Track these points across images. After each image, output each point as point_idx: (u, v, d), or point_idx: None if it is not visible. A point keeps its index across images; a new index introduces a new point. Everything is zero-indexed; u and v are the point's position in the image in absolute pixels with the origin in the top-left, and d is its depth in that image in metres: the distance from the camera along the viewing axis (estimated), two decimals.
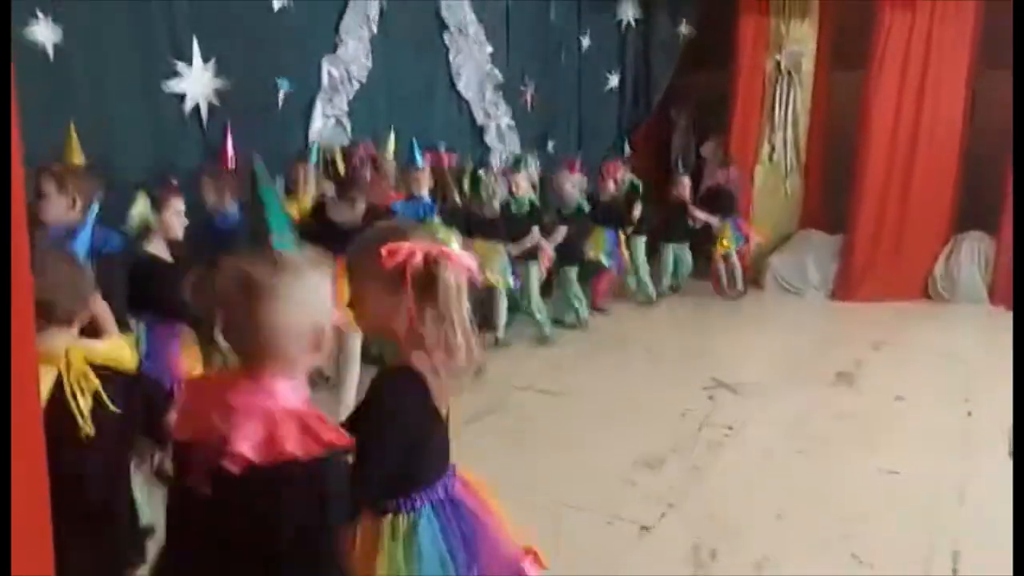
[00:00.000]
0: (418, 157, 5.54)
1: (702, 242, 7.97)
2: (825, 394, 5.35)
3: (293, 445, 1.38)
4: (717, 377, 5.49)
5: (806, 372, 5.78)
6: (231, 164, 4.74)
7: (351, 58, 5.76)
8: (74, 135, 3.93)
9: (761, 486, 3.97)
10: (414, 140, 5.74)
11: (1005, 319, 7.44)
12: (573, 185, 6.78)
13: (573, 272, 6.64)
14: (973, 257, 8.00)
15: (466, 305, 1.70)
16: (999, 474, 4.09)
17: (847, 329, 7.15)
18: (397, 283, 1.63)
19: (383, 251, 1.61)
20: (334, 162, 5.40)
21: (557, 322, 6.62)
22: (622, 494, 3.82)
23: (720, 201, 7.84)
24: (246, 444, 1.38)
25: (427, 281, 1.65)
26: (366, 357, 4.54)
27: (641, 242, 7.50)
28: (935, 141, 7.98)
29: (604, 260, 6.98)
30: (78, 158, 3.89)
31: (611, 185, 7.22)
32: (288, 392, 1.45)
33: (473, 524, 1.79)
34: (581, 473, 4.01)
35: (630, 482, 3.94)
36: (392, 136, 5.99)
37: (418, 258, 1.63)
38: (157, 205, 3.38)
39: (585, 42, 8.57)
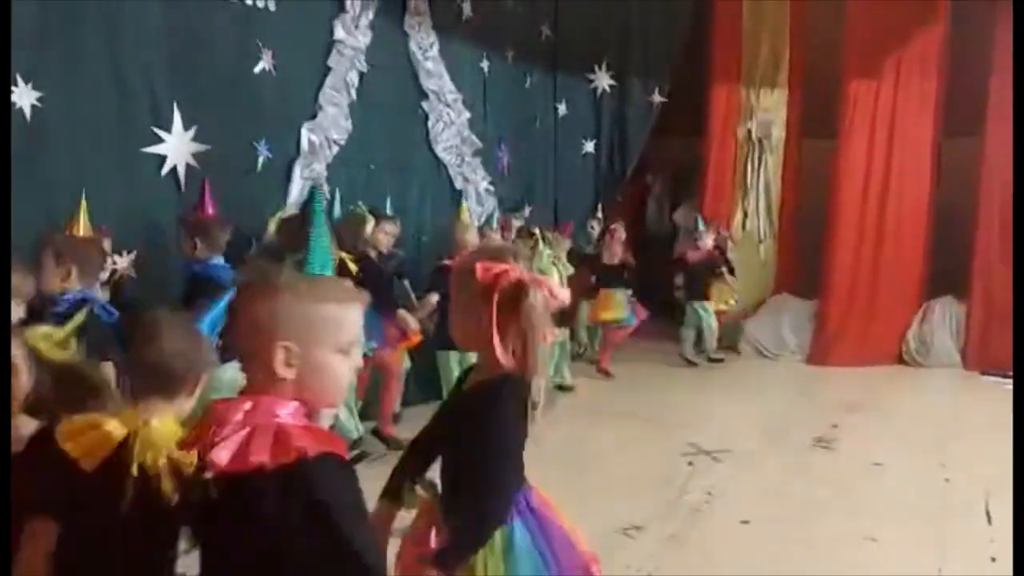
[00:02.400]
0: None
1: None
2: (803, 459, 5.33)
3: (260, 453, 1.39)
4: (696, 443, 5.46)
5: (784, 437, 5.76)
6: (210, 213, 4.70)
7: (330, 123, 5.82)
8: (84, 205, 3.92)
9: (740, 554, 3.92)
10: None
11: (979, 383, 7.52)
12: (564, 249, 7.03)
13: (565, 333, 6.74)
14: (945, 322, 8.11)
15: (549, 329, 1.88)
16: (978, 541, 4.07)
17: (823, 394, 7.17)
18: (488, 297, 1.80)
19: (479, 267, 1.80)
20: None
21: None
22: (601, 563, 3.74)
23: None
24: (222, 452, 1.40)
25: (514, 299, 1.80)
26: None
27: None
28: (904, 207, 8.16)
29: (628, 318, 7.34)
30: (84, 228, 3.86)
31: (617, 248, 7.48)
32: (276, 407, 1.47)
33: (553, 532, 1.93)
34: None
35: (609, 551, 3.87)
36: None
37: (510, 276, 1.81)
38: None
39: (561, 109, 8.74)
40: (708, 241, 7.97)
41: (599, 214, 8.83)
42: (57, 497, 1.78)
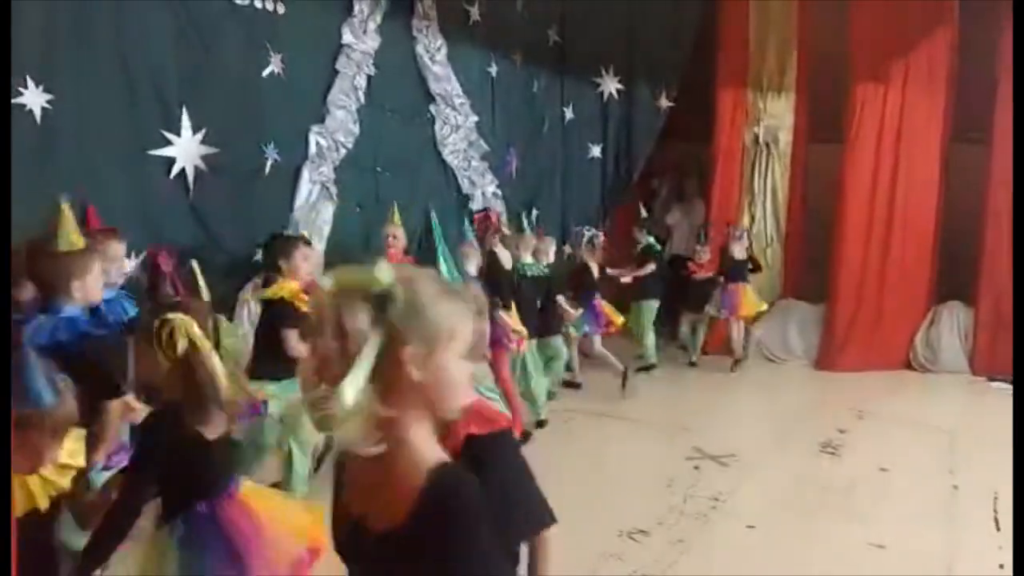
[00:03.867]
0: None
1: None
2: (810, 464, 5.31)
3: None
4: (701, 448, 5.45)
5: (790, 442, 5.75)
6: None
7: (338, 127, 5.83)
8: (66, 213, 3.44)
9: (746, 559, 3.91)
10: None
11: (987, 389, 7.49)
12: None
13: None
14: (953, 327, 8.08)
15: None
16: (986, 548, 4.05)
17: (831, 399, 7.15)
18: None
19: None
20: None
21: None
22: (607, 567, 3.75)
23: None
24: None
25: None
26: None
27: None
28: (911, 212, 8.13)
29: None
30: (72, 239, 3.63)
31: (598, 255, 7.32)
32: None
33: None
34: (564, 546, 3.91)
35: (615, 556, 3.87)
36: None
37: None
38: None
39: (568, 113, 8.74)
40: (706, 256, 8.00)
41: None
42: None
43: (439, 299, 1.40)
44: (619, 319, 7.17)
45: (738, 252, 7.83)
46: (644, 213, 8.17)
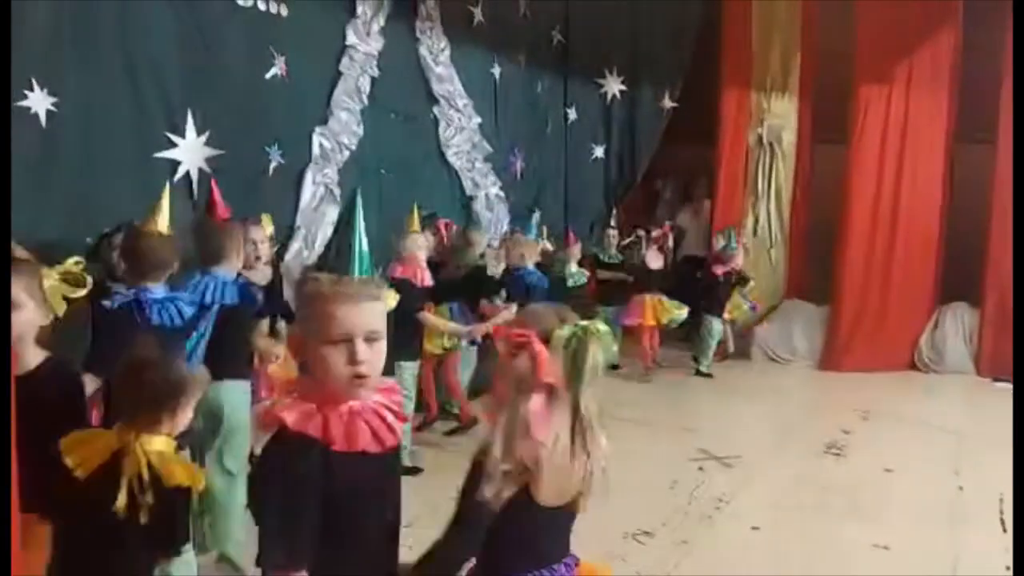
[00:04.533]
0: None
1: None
2: (814, 465, 5.30)
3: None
4: (706, 449, 5.45)
5: (795, 443, 5.74)
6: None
7: (342, 129, 5.84)
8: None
9: (751, 560, 3.90)
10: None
11: (992, 390, 7.47)
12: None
13: None
14: (958, 328, 8.06)
15: None
16: (992, 550, 4.04)
17: (835, 399, 7.14)
18: None
19: None
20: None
21: None
22: (611, 568, 3.73)
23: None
24: None
25: None
26: None
27: None
28: (916, 212, 8.12)
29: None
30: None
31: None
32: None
33: None
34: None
35: (619, 557, 3.86)
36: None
37: None
38: None
39: (571, 114, 8.74)
40: (739, 259, 7.82)
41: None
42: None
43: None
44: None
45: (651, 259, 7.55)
46: (613, 227, 8.11)
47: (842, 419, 6.30)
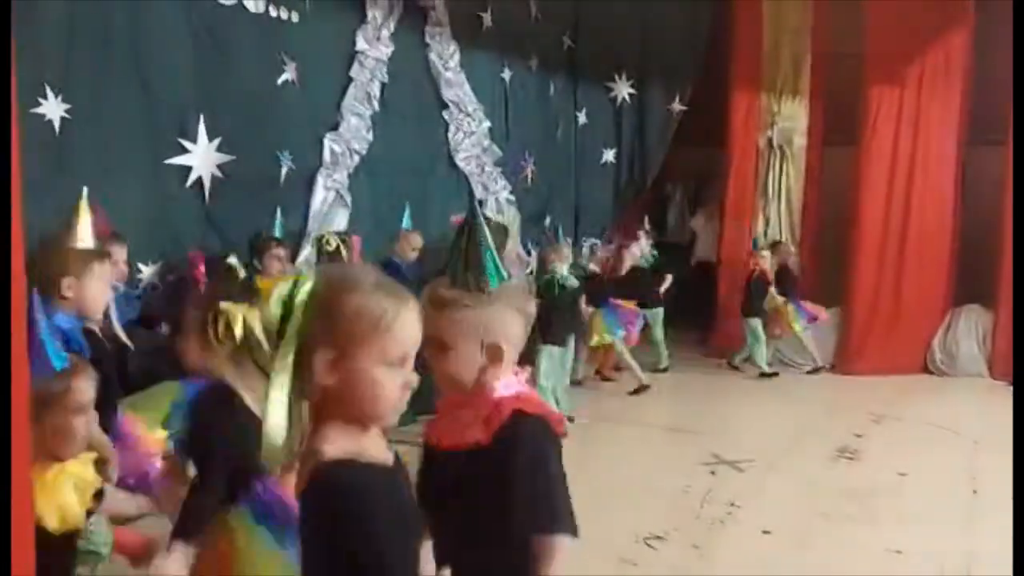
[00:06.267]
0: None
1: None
2: (827, 469, 5.28)
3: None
4: (718, 453, 5.43)
5: (808, 447, 5.71)
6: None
7: (352, 134, 5.87)
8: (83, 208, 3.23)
9: (763, 565, 3.88)
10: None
11: (1006, 393, 7.39)
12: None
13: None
14: (971, 331, 8.01)
15: None
16: (1007, 555, 4.00)
17: (848, 403, 7.09)
18: None
19: None
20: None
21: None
22: (623, 573, 3.73)
23: (783, 281, 7.86)
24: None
25: None
26: None
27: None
28: (927, 215, 8.07)
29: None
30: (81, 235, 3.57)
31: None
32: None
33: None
34: (580, 552, 3.91)
35: (630, 562, 3.86)
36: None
37: None
38: None
39: (581, 118, 8.74)
40: (765, 262, 7.77)
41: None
42: None
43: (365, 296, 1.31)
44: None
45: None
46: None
47: (855, 423, 6.26)
